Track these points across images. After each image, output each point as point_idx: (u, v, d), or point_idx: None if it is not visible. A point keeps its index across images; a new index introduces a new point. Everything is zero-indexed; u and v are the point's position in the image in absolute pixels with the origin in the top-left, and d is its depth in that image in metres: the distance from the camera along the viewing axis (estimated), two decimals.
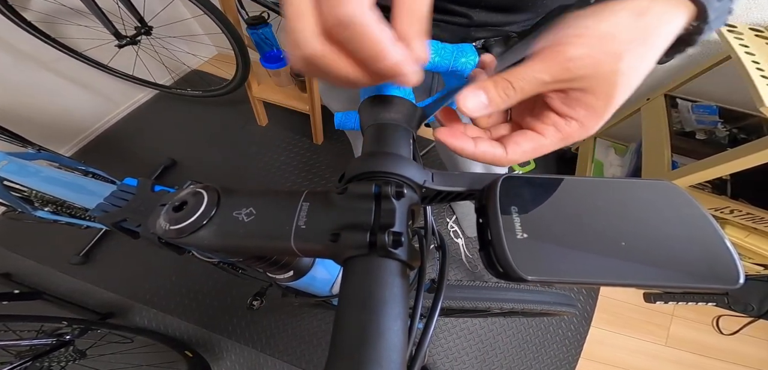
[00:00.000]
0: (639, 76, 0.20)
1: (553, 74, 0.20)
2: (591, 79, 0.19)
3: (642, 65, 0.20)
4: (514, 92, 0.21)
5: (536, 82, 0.20)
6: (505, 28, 0.37)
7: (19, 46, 1.14)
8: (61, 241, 1.18)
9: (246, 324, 1.11)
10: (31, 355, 0.69)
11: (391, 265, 0.17)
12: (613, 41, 0.19)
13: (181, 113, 1.61)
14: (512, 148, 0.22)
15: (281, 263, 0.34)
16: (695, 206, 0.17)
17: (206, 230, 0.20)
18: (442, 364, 1.09)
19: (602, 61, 0.19)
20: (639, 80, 0.20)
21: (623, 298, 1.21)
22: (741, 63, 0.70)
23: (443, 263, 0.28)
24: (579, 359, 1.11)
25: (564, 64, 0.19)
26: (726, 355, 1.14)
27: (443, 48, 0.28)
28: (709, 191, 0.86)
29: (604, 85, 0.19)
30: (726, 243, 0.15)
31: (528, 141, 0.22)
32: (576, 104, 0.21)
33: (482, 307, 0.59)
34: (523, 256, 0.15)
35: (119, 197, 0.34)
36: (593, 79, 0.19)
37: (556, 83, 0.20)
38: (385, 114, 0.24)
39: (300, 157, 1.47)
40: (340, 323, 0.15)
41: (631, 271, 0.15)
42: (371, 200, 0.18)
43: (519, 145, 0.22)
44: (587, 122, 0.21)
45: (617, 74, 0.19)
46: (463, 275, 1.23)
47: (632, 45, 0.19)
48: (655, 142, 0.96)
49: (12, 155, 0.47)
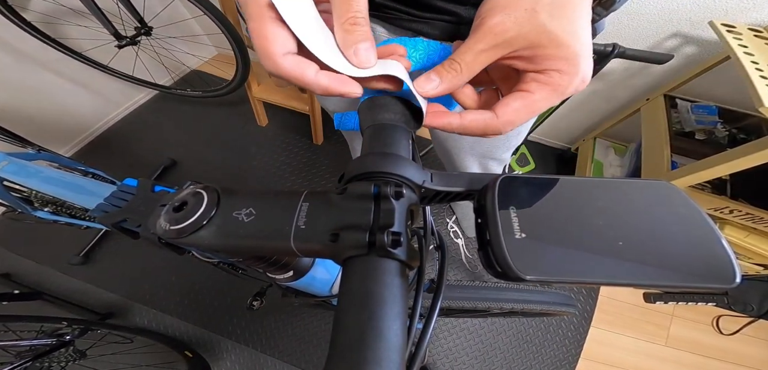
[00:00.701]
0: (572, 19, 0.21)
1: (487, 43, 0.22)
2: (524, 36, 0.21)
3: (564, 10, 0.21)
4: (460, 68, 0.23)
5: (475, 53, 0.22)
6: None
7: (19, 46, 1.14)
8: (61, 241, 1.18)
9: (246, 324, 1.11)
10: (31, 355, 0.69)
11: (391, 265, 0.17)
12: (521, 1, 0.21)
13: (181, 113, 1.61)
14: (502, 109, 0.24)
15: (281, 263, 0.34)
16: (693, 207, 0.17)
17: (206, 230, 0.20)
18: (442, 364, 1.09)
19: (520, 19, 0.21)
20: (579, 22, 0.21)
21: (623, 298, 1.21)
22: (740, 63, 0.70)
23: (442, 263, 0.28)
24: (579, 359, 1.11)
25: (490, 32, 0.21)
26: (726, 355, 1.14)
27: (443, 48, 0.28)
28: (708, 191, 0.86)
29: (544, 36, 0.21)
30: (723, 243, 0.15)
31: (517, 99, 0.23)
32: (540, 60, 0.22)
33: (482, 307, 0.59)
34: (522, 256, 0.15)
35: (119, 198, 0.34)
36: (527, 36, 0.21)
37: (494, 50, 0.22)
38: (384, 114, 0.24)
39: (300, 157, 1.47)
40: (339, 323, 0.15)
41: (630, 271, 0.15)
42: (370, 200, 0.18)
43: (508, 104, 0.24)
44: (566, 68, 0.22)
45: (544, 24, 0.21)
46: (462, 275, 1.23)
47: (549, 3, 0.21)
48: (655, 143, 0.96)
49: (12, 155, 0.47)
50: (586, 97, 1.26)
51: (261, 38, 0.20)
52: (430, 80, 0.24)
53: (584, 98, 1.26)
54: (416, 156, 0.25)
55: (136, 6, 1.14)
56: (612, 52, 0.83)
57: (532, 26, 0.21)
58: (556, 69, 0.22)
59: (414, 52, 0.27)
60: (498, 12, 0.21)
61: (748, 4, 0.83)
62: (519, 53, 0.22)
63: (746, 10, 0.84)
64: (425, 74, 0.24)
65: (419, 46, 0.27)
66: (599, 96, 1.24)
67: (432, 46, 0.28)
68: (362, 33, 0.21)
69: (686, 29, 0.93)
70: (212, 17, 1.04)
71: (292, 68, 0.20)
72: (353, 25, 0.21)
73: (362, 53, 0.22)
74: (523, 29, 0.21)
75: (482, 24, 0.22)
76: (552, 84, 0.23)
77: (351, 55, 0.22)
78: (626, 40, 1.00)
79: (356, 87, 0.22)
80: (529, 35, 0.21)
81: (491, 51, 0.22)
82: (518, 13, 0.21)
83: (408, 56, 0.27)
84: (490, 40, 0.22)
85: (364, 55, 0.22)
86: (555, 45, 0.21)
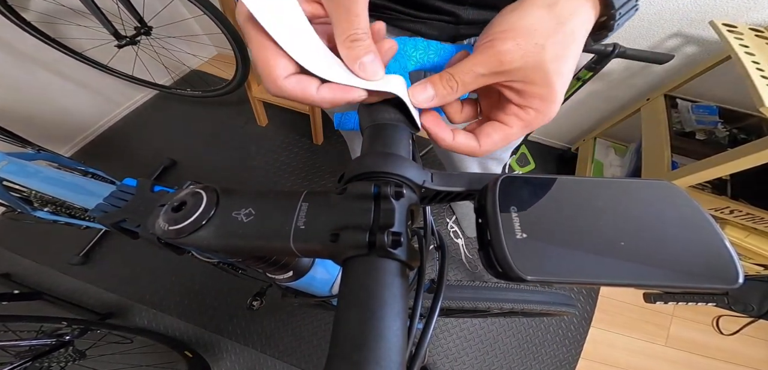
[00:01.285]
0: (567, 61, 0.22)
1: (489, 67, 0.22)
2: (525, 70, 0.22)
3: (565, 53, 0.22)
4: (456, 85, 0.23)
5: (475, 75, 0.23)
6: None
7: (19, 46, 1.14)
8: (61, 241, 1.18)
9: (246, 324, 1.11)
10: (30, 355, 0.69)
11: (391, 265, 0.16)
12: (535, 34, 0.21)
13: (181, 113, 1.61)
14: (484, 140, 0.25)
15: (281, 263, 0.34)
16: (694, 206, 0.17)
17: (205, 230, 0.20)
18: (442, 364, 1.09)
19: (529, 53, 0.21)
20: (569, 67, 0.23)
21: (623, 298, 1.21)
22: (741, 63, 0.70)
23: (443, 263, 0.28)
24: (579, 359, 1.11)
25: (496, 57, 0.21)
26: (726, 355, 1.14)
27: (443, 48, 0.28)
28: (709, 191, 0.86)
29: (540, 73, 0.22)
30: (725, 243, 0.15)
31: (497, 132, 0.25)
32: (526, 96, 0.23)
33: (482, 307, 0.59)
34: (523, 256, 0.15)
35: (119, 198, 0.34)
36: (526, 70, 0.22)
37: (493, 75, 0.22)
38: (384, 114, 0.24)
39: (300, 157, 1.47)
40: (339, 323, 0.15)
41: (631, 271, 0.15)
42: (370, 200, 0.18)
43: (489, 136, 0.25)
44: (541, 107, 0.23)
45: (546, 63, 0.21)
46: (462, 275, 1.23)
47: (552, 36, 0.21)
48: (655, 143, 0.96)
49: (12, 155, 0.47)
50: (586, 97, 1.26)
51: (263, 64, 0.21)
52: (426, 91, 0.24)
53: (584, 98, 1.26)
54: (416, 156, 0.25)
55: (135, 5, 1.14)
56: (612, 52, 0.83)
57: (535, 62, 0.21)
58: (534, 107, 0.23)
59: (414, 51, 0.27)
60: (509, 38, 0.21)
61: (749, 3, 0.83)
62: (512, 83, 0.23)
63: (747, 10, 0.84)
64: (421, 82, 0.24)
65: (419, 45, 0.27)
66: (599, 96, 1.24)
67: (432, 47, 0.27)
68: (365, 47, 0.22)
69: (687, 29, 0.93)
70: (212, 17, 1.04)
71: (295, 88, 0.21)
72: (355, 42, 0.22)
73: (369, 66, 0.22)
74: (528, 63, 0.21)
75: (491, 46, 0.22)
76: (527, 120, 0.24)
77: (357, 70, 0.22)
78: (627, 39, 1.00)
79: (360, 91, 0.23)
80: (530, 70, 0.22)
81: (491, 76, 0.23)
82: (529, 46, 0.21)
83: (408, 56, 0.27)
84: (493, 66, 0.22)
85: (371, 68, 0.22)
86: (545, 84, 0.22)
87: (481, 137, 0.25)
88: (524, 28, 0.21)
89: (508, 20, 0.22)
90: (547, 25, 0.21)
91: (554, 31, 0.21)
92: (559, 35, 0.22)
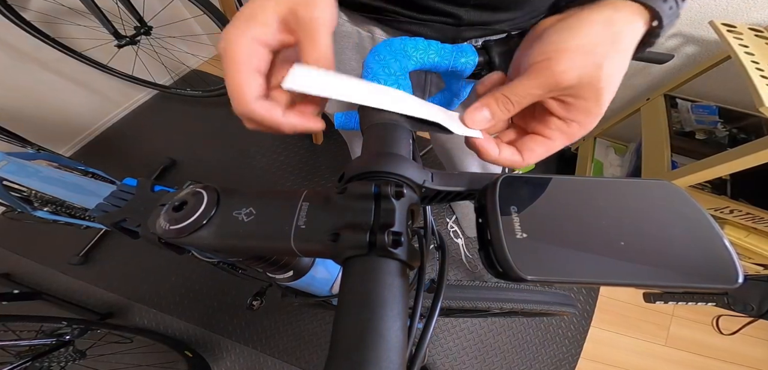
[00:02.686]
0: (618, 77, 0.23)
1: (545, 87, 0.22)
2: (579, 87, 0.22)
3: (618, 67, 0.22)
4: (512, 106, 0.24)
5: (531, 96, 0.23)
6: (495, 27, 0.37)
7: (19, 46, 1.14)
8: (61, 241, 1.18)
9: (246, 324, 1.11)
10: (30, 355, 0.69)
11: (391, 265, 0.16)
12: (593, 53, 0.21)
13: (181, 113, 1.61)
14: (527, 154, 0.25)
15: (281, 263, 0.34)
16: (694, 206, 0.17)
17: (206, 230, 0.20)
18: (442, 364, 1.09)
19: (586, 71, 0.21)
20: (619, 80, 0.23)
21: (623, 298, 1.21)
22: (741, 63, 0.70)
23: (443, 263, 0.28)
24: (579, 359, 1.11)
25: (554, 78, 0.21)
26: (726, 355, 1.14)
27: (443, 48, 0.28)
28: (708, 191, 0.86)
29: (592, 90, 0.22)
30: (725, 243, 0.15)
31: (539, 145, 0.25)
32: (573, 109, 0.23)
33: (482, 307, 0.59)
34: (523, 256, 0.15)
35: (119, 197, 0.34)
36: (581, 87, 0.22)
37: (548, 93, 0.23)
38: (384, 114, 0.24)
39: (300, 157, 1.47)
40: (339, 323, 0.15)
41: (631, 271, 0.15)
42: (371, 199, 0.18)
43: (533, 150, 0.25)
44: (585, 121, 0.24)
45: (600, 80, 0.21)
46: (463, 275, 1.23)
47: (609, 53, 0.21)
48: (655, 142, 0.96)
49: (11, 155, 0.47)
50: None
51: (236, 86, 0.22)
52: (482, 113, 0.24)
53: None
54: (416, 156, 0.25)
55: (135, 5, 1.14)
56: None
57: (590, 80, 0.21)
58: (578, 121, 0.24)
59: (415, 51, 0.27)
60: (567, 57, 0.21)
61: (749, 3, 0.83)
62: (562, 97, 0.23)
63: (747, 10, 0.84)
64: (477, 106, 0.24)
65: (420, 45, 0.27)
66: None
67: (432, 46, 0.27)
68: None
69: (687, 29, 0.93)
70: (212, 17, 1.04)
71: (264, 111, 0.23)
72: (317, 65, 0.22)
73: None
74: (583, 81, 0.21)
75: (548, 67, 0.21)
76: (570, 133, 0.24)
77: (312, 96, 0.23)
78: None
79: (319, 123, 0.25)
80: (583, 87, 0.22)
81: (545, 93, 0.23)
82: (587, 65, 0.21)
83: (409, 56, 0.27)
84: (550, 86, 0.22)
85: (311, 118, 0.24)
86: (594, 100, 0.22)
87: (525, 152, 0.25)
88: (582, 46, 0.21)
89: (564, 38, 0.22)
90: (604, 42, 0.21)
91: (611, 49, 0.21)
92: (616, 53, 0.22)
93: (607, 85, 0.22)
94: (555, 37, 0.22)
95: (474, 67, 0.29)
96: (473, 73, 0.29)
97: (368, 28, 0.40)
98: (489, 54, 0.29)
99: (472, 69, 0.29)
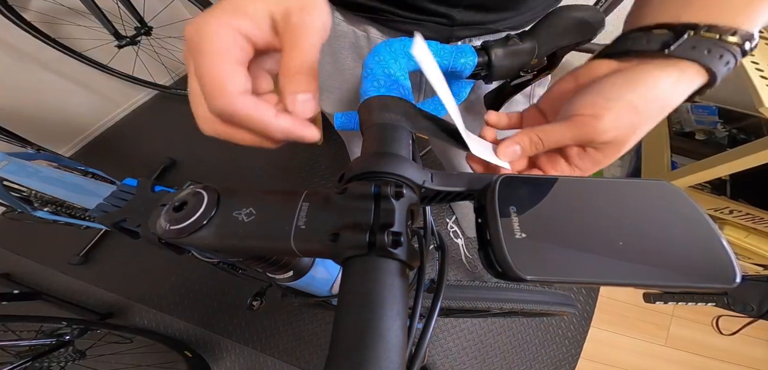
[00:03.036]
0: (641, 137, 0.23)
1: (580, 139, 0.23)
2: (608, 144, 0.23)
3: (648, 127, 0.22)
4: (542, 147, 0.25)
5: (562, 143, 0.24)
6: (489, 27, 0.37)
7: (19, 46, 1.14)
8: (61, 241, 1.18)
9: (246, 324, 1.11)
10: (30, 355, 0.69)
11: (391, 265, 0.17)
12: (635, 114, 0.21)
13: (181, 113, 1.61)
14: None
15: (281, 263, 0.34)
16: (693, 207, 0.17)
17: (206, 230, 0.20)
18: (442, 364, 1.09)
19: (622, 131, 0.22)
20: (649, 126, 0.23)
21: (623, 298, 1.21)
22: (741, 63, 0.70)
23: (443, 263, 0.28)
24: (579, 359, 1.11)
25: (594, 134, 0.22)
26: (726, 355, 1.14)
27: (442, 49, 0.28)
28: (708, 192, 0.86)
29: (614, 148, 0.23)
30: (723, 243, 0.15)
31: (564, 172, 0.26)
32: (586, 159, 0.24)
33: (482, 307, 0.59)
34: (522, 256, 0.15)
35: (119, 197, 0.34)
36: (609, 144, 0.23)
37: (578, 143, 0.24)
38: (384, 114, 0.24)
39: (300, 157, 1.47)
40: (339, 323, 0.15)
41: (630, 271, 0.15)
42: (370, 200, 0.18)
43: None
44: (590, 170, 0.25)
45: (628, 141, 0.22)
46: (462, 275, 1.23)
47: (653, 117, 0.22)
48: (655, 143, 0.96)
49: (12, 155, 0.47)
50: None
51: (215, 75, 0.18)
52: (514, 149, 0.25)
53: None
54: (416, 156, 0.25)
55: (136, 6, 1.14)
56: None
57: (624, 134, 0.22)
58: (583, 168, 0.25)
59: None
60: (614, 114, 0.21)
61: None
62: (586, 147, 0.24)
63: None
64: (509, 142, 0.25)
65: (431, 47, 0.27)
66: None
67: (431, 47, 0.28)
68: (303, 83, 0.20)
69: None
70: None
71: (251, 108, 0.19)
72: (295, 75, 0.20)
73: (299, 104, 0.20)
74: (619, 134, 0.22)
75: (591, 123, 0.22)
76: (595, 160, 0.24)
77: (288, 104, 0.20)
78: None
79: (314, 132, 0.22)
80: (609, 144, 0.22)
81: (575, 143, 0.23)
82: (625, 126, 0.21)
83: (408, 56, 0.27)
84: (584, 139, 0.22)
85: (301, 107, 0.20)
86: (609, 157, 0.23)
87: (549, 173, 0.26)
88: (633, 103, 0.21)
89: (619, 93, 0.21)
90: (657, 103, 0.21)
91: (659, 115, 0.21)
92: (659, 117, 0.22)
93: (633, 141, 0.22)
94: (608, 91, 0.22)
95: (473, 68, 0.29)
96: (472, 73, 0.29)
97: (364, 28, 0.40)
98: (488, 55, 0.29)
99: (471, 69, 0.29)
